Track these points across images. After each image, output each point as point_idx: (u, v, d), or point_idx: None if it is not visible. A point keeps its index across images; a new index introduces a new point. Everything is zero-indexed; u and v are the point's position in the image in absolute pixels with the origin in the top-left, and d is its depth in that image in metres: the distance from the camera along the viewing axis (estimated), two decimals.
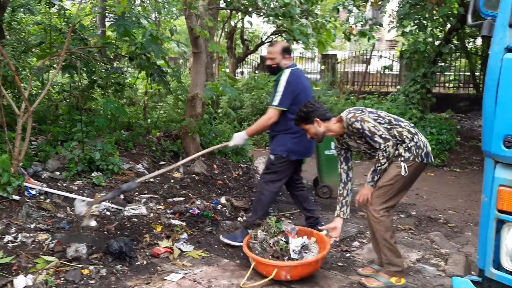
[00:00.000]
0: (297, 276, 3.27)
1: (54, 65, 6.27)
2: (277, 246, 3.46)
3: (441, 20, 9.30)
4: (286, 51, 4.09)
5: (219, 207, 5.03)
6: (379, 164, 3.18)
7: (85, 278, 3.24)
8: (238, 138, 4.09)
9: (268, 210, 4.22)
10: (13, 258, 3.34)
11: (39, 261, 3.36)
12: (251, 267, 3.36)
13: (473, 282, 2.08)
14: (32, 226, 3.94)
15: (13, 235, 3.73)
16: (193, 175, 5.86)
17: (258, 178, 6.14)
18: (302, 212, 4.46)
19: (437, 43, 9.71)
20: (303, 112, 3.40)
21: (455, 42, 12.03)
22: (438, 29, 9.63)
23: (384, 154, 3.13)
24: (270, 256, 3.37)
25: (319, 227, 3.89)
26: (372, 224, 3.29)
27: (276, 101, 3.87)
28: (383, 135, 3.12)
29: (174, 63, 16.36)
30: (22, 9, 5.79)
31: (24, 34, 7.75)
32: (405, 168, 3.16)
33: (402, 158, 3.19)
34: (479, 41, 13.92)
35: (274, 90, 3.96)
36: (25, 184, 4.34)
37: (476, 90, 13.62)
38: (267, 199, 4.00)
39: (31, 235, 3.77)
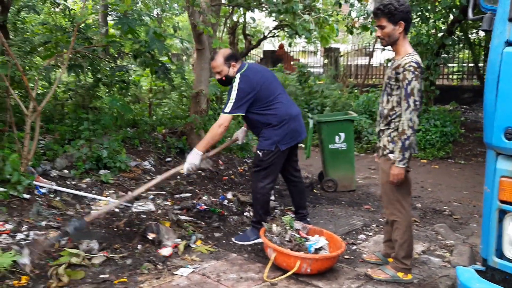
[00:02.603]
0: (316, 270, 3.31)
1: (59, 64, 6.34)
2: (294, 240, 3.52)
3: (443, 11, 9.28)
4: (230, 58, 3.93)
5: (225, 202, 5.09)
6: (405, 137, 2.98)
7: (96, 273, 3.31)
8: (191, 157, 3.86)
9: (269, 208, 4.20)
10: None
11: (63, 254, 3.45)
12: (272, 259, 3.39)
13: (477, 271, 2.12)
14: (43, 223, 4.01)
15: (24, 233, 3.81)
16: (199, 171, 5.92)
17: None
18: (293, 205, 4.46)
19: (440, 35, 9.70)
20: (394, 8, 3.02)
21: (458, 33, 11.98)
22: (440, 21, 9.61)
23: (409, 123, 2.95)
24: (289, 249, 3.42)
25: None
26: (395, 221, 3.25)
27: (228, 108, 3.75)
28: (417, 103, 2.95)
29: (176, 59, 16.41)
30: (26, 9, 5.84)
31: (28, 33, 7.82)
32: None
33: (387, 150, 3.17)
34: (482, 32, 13.87)
35: (228, 96, 3.84)
36: (35, 182, 4.42)
37: (480, 81, 13.57)
38: (264, 197, 3.96)
39: (42, 232, 3.84)
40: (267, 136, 3.90)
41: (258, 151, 3.95)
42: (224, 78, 3.97)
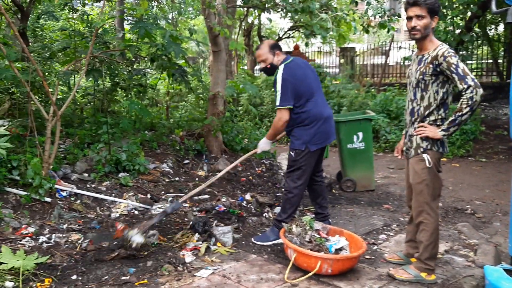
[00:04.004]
0: (337, 270, 3.28)
1: (78, 70, 6.42)
2: (314, 241, 3.49)
3: (461, 8, 9.16)
4: (274, 47, 4.03)
5: (244, 203, 5.09)
6: (460, 114, 2.90)
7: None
8: (263, 144, 4.16)
9: (298, 207, 4.21)
10: (48, 258, 3.45)
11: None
12: (292, 259, 3.37)
13: (506, 270, 2.07)
14: (65, 226, 4.07)
15: (47, 235, 3.87)
16: (217, 173, 5.92)
17: (282, 174, 6.19)
18: (313, 206, 4.44)
19: (458, 31, 9.56)
20: (435, 1, 2.99)
21: (476, 29, 11.80)
22: (458, 17, 9.48)
23: (469, 102, 2.84)
24: (309, 250, 3.40)
25: None
26: (422, 222, 3.18)
27: (278, 101, 3.84)
28: (475, 80, 2.85)
29: (193, 62, 16.49)
30: (45, 16, 5.94)
31: (46, 40, 7.94)
32: (428, 160, 3.09)
33: (421, 149, 3.12)
34: (501, 27, 13.63)
35: (274, 89, 3.92)
36: (56, 186, 4.48)
37: (499, 78, 13.34)
38: (295, 197, 3.96)
39: (64, 235, 3.90)
40: (298, 135, 3.93)
41: (290, 152, 3.99)
42: (269, 66, 4.03)
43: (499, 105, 11.87)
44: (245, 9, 10.42)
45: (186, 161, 6.21)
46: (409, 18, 3.09)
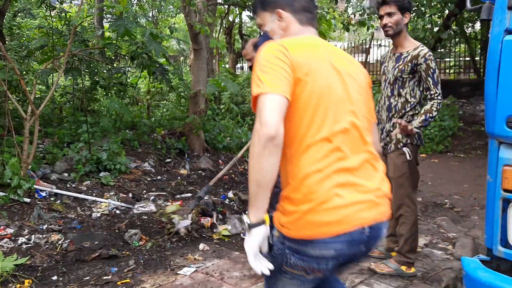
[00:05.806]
0: None
1: (56, 68, 6.32)
2: None
3: (439, 6, 9.30)
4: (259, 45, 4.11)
5: (227, 201, 5.09)
6: (431, 115, 3.10)
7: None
8: None
9: None
10: (28, 259, 3.40)
11: None
12: None
13: (482, 261, 2.11)
14: (44, 227, 4.01)
15: (26, 236, 3.81)
16: (200, 171, 5.91)
17: None
18: None
19: (436, 29, 9.71)
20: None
21: (454, 27, 11.99)
22: (436, 15, 9.63)
23: (438, 107, 3.09)
24: None
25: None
26: (402, 215, 3.23)
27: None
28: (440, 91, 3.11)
29: (174, 60, 16.38)
30: (22, 14, 5.84)
31: (24, 38, 7.81)
32: (408, 153, 3.16)
33: (402, 144, 3.19)
34: (478, 25, 13.89)
35: None
36: (35, 186, 4.41)
37: (477, 75, 13.57)
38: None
39: (44, 236, 3.84)
40: None
41: None
42: (253, 64, 4.03)
43: (477, 101, 12.08)
44: (226, 7, 10.39)
45: (168, 160, 6.17)
46: (381, 17, 3.20)
